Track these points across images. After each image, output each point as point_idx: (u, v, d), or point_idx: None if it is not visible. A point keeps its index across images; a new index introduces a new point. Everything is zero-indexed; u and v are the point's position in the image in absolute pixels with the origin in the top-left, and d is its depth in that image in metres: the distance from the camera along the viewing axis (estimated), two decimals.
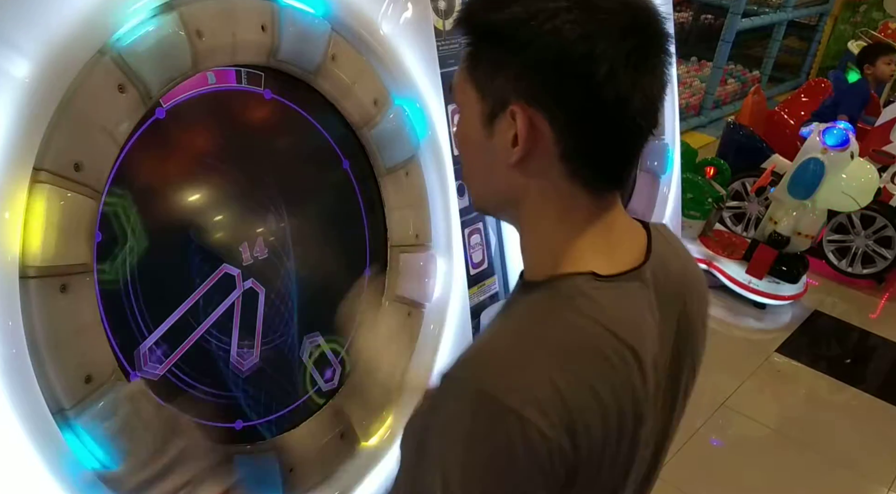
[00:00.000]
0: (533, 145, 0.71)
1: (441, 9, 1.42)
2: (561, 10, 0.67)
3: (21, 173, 0.82)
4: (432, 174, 1.39)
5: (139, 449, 0.88)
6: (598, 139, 0.71)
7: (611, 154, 0.73)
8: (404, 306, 1.36)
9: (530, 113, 0.70)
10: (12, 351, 0.82)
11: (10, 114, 0.80)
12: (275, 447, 1.16)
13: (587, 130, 0.70)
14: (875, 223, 3.94)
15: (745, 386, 3.21)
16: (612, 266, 0.75)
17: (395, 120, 1.30)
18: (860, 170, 3.46)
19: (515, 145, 0.72)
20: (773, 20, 6.78)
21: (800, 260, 3.71)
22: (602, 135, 0.71)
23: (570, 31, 0.67)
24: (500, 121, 0.72)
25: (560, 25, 0.67)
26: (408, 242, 1.36)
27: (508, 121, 0.71)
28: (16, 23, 0.80)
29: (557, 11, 0.67)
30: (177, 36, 0.95)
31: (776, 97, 6.88)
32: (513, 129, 0.71)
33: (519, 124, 0.71)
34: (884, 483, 2.77)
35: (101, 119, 0.89)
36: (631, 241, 0.80)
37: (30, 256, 0.83)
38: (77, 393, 0.87)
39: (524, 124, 0.70)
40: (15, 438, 0.83)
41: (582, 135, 0.71)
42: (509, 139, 0.72)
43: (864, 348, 3.74)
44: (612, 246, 0.77)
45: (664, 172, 2.33)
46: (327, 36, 1.17)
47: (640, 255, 0.79)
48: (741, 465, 2.78)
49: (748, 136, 4.45)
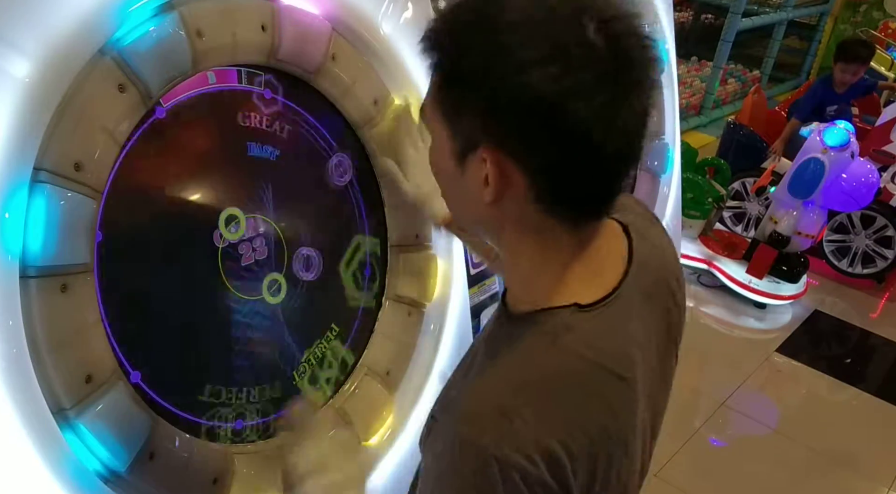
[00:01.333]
0: (505, 187, 0.68)
1: (441, 9, 1.42)
2: (533, 62, 0.62)
3: (21, 173, 0.82)
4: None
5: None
6: (571, 183, 0.68)
7: (587, 194, 0.70)
8: (404, 306, 1.36)
9: (499, 158, 0.67)
10: (12, 350, 0.82)
11: (10, 114, 0.80)
12: (275, 446, 1.16)
13: (559, 176, 0.67)
14: (875, 223, 3.94)
15: (745, 385, 3.21)
16: (595, 291, 0.74)
17: (395, 119, 1.29)
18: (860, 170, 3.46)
19: (487, 185, 0.69)
20: (773, 20, 6.79)
21: (800, 260, 3.71)
22: (577, 179, 0.68)
23: (539, 85, 0.62)
24: (470, 160, 0.69)
25: (529, 80, 0.62)
26: (408, 242, 1.36)
27: (479, 163, 0.68)
28: (16, 23, 0.80)
29: (528, 64, 0.62)
30: (177, 36, 0.95)
31: (776, 97, 6.89)
32: (483, 170, 0.68)
33: (489, 168, 0.68)
34: (884, 483, 2.77)
35: (101, 119, 0.89)
36: (614, 258, 0.78)
37: (30, 256, 0.83)
38: (77, 392, 0.87)
39: (494, 169, 0.68)
40: (15, 438, 0.83)
41: (555, 181, 0.68)
42: (481, 178, 0.69)
43: (864, 348, 3.75)
44: (596, 271, 0.76)
45: (664, 172, 2.33)
46: (327, 36, 1.17)
47: (622, 268, 0.78)
48: (741, 465, 2.78)
49: (748, 136, 4.46)
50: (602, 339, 0.73)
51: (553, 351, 0.71)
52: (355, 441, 1.23)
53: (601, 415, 0.71)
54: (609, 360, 0.72)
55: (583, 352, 0.71)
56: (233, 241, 1.10)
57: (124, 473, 0.93)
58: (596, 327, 0.73)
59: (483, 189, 0.69)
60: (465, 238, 1.28)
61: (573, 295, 0.73)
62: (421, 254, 1.37)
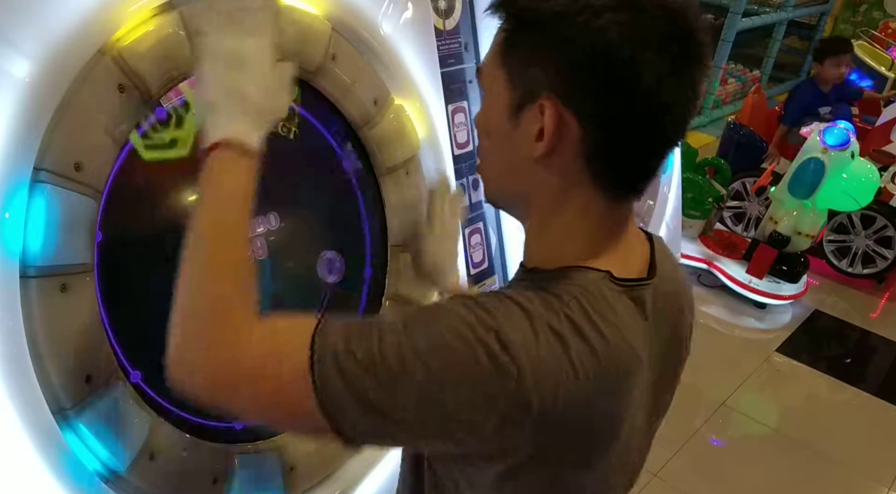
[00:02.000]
0: (558, 142, 0.68)
1: (441, 9, 1.42)
2: (607, 8, 0.64)
3: (21, 173, 0.82)
4: (432, 174, 1.39)
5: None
6: (627, 146, 0.68)
7: (636, 162, 0.71)
8: (405, 306, 1.36)
9: (561, 109, 0.67)
10: (12, 350, 0.82)
11: (10, 114, 0.80)
12: (276, 446, 1.16)
13: (618, 136, 0.68)
14: (875, 223, 3.94)
15: (745, 385, 3.22)
16: (626, 272, 0.73)
17: (396, 119, 1.30)
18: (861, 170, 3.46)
19: (540, 140, 0.69)
20: (773, 20, 6.79)
21: (800, 260, 3.71)
22: (632, 142, 0.68)
23: (615, 32, 0.63)
24: (526, 113, 0.69)
25: (605, 25, 0.63)
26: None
27: (536, 114, 0.68)
28: (16, 23, 0.80)
29: (603, 10, 0.64)
30: (177, 35, 0.95)
31: (776, 97, 6.88)
32: (539, 123, 0.68)
33: (547, 119, 0.68)
34: (884, 483, 2.78)
35: (101, 119, 0.89)
36: (638, 253, 0.78)
37: (30, 256, 0.83)
38: (77, 392, 0.88)
39: (553, 119, 0.67)
40: (15, 438, 0.83)
41: (611, 140, 0.68)
42: (534, 132, 0.69)
43: (864, 348, 3.75)
44: (626, 253, 0.75)
45: (664, 172, 2.33)
46: (328, 35, 1.17)
47: (645, 266, 0.77)
48: (741, 465, 2.78)
49: (748, 136, 4.45)
50: (625, 315, 0.71)
51: (583, 292, 0.69)
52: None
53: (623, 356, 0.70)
54: (630, 334, 0.71)
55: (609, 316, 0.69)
56: None
57: (124, 473, 0.93)
58: (623, 302, 0.71)
59: (534, 144, 0.69)
60: None
61: (605, 264, 0.72)
62: None
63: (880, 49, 6.05)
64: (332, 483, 1.25)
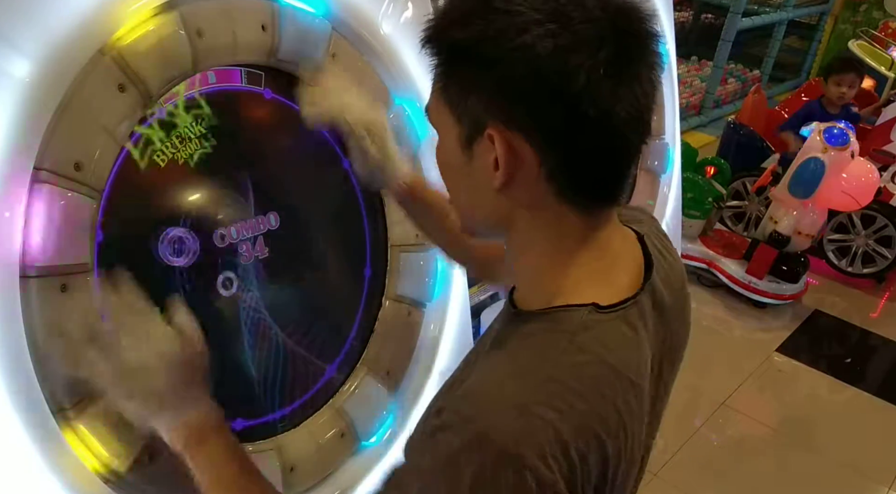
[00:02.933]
0: (515, 168, 0.67)
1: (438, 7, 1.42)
2: (531, 23, 0.62)
3: (21, 173, 0.82)
4: (432, 174, 1.39)
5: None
6: (583, 156, 0.67)
7: (599, 170, 0.69)
8: (404, 306, 1.36)
9: (508, 135, 0.66)
10: (12, 350, 0.82)
11: (10, 114, 0.80)
12: (276, 446, 1.16)
13: (570, 148, 0.66)
14: (875, 222, 3.94)
15: (745, 385, 3.21)
16: (612, 293, 0.72)
17: (395, 120, 1.30)
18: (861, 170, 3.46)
19: (497, 169, 0.67)
20: (773, 19, 6.78)
21: (800, 260, 3.71)
22: (587, 152, 0.67)
23: (541, 45, 0.62)
24: (478, 145, 0.68)
25: (531, 41, 0.62)
26: (408, 242, 1.36)
27: (487, 145, 0.67)
28: (16, 23, 0.80)
29: (527, 25, 0.62)
30: (177, 35, 0.95)
31: (776, 97, 6.88)
32: (492, 153, 0.67)
33: (498, 147, 0.66)
34: (884, 483, 2.77)
35: (101, 119, 0.89)
36: (627, 260, 0.77)
37: (30, 256, 0.83)
38: (78, 392, 0.87)
39: (503, 147, 0.66)
40: (15, 438, 0.83)
41: (565, 154, 0.66)
42: (490, 163, 0.67)
43: (864, 348, 3.74)
44: (609, 269, 0.74)
45: (664, 172, 2.33)
46: (328, 35, 1.17)
47: (637, 273, 0.76)
48: (741, 465, 2.78)
49: (748, 136, 4.45)
50: (618, 344, 0.70)
51: (572, 349, 0.67)
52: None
53: (617, 419, 0.68)
54: (624, 365, 0.70)
55: (601, 353, 0.68)
56: (233, 241, 1.10)
57: (124, 473, 0.93)
58: (613, 330, 0.70)
59: (493, 174, 0.68)
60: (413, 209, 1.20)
61: (589, 295, 0.71)
62: (421, 254, 1.37)
63: (880, 49, 6.04)
64: (332, 483, 1.25)
